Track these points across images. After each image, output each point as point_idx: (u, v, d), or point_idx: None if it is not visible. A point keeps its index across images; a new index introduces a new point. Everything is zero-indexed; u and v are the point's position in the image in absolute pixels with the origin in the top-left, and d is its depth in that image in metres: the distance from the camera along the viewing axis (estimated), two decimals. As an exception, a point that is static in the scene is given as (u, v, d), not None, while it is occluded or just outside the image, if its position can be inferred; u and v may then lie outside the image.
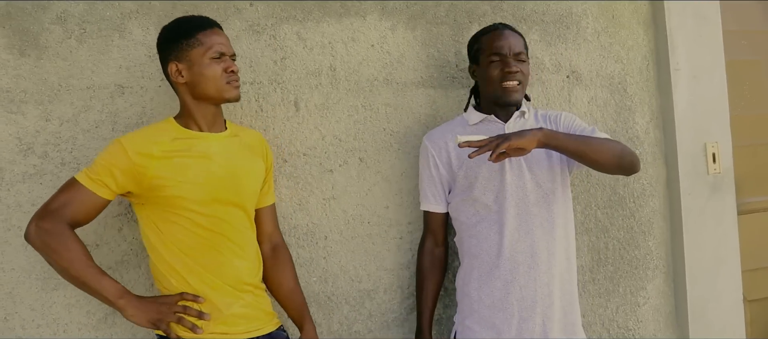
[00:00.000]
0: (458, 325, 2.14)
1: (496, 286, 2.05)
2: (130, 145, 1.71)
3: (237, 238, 1.83)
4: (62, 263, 1.65)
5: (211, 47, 1.77)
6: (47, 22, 1.93)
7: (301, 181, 2.19)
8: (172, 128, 1.81)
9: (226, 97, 1.81)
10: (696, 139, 2.75)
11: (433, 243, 2.22)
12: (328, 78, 2.24)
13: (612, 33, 2.68)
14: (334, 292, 2.23)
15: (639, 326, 2.68)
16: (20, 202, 1.89)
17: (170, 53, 1.78)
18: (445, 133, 2.16)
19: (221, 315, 1.77)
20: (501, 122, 2.13)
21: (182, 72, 1.77)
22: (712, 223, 2.77)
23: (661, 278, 2.74)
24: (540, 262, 2.04)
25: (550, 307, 2.05)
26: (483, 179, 2.07)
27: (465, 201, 2.10)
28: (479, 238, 2.08)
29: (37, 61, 1.92)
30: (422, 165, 2.19)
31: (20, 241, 1.89)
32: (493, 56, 2.08)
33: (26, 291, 1.90)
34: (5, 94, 1.88)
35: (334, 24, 2.25)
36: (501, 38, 2.09)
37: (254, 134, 1.99)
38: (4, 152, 1.88)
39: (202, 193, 1.75)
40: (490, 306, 2.06)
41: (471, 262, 2.11)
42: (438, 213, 2.19)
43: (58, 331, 1.92)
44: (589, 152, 1.94)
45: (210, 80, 1.77)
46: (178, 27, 1.79)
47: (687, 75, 2.74)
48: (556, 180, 2.09)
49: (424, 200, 2.19)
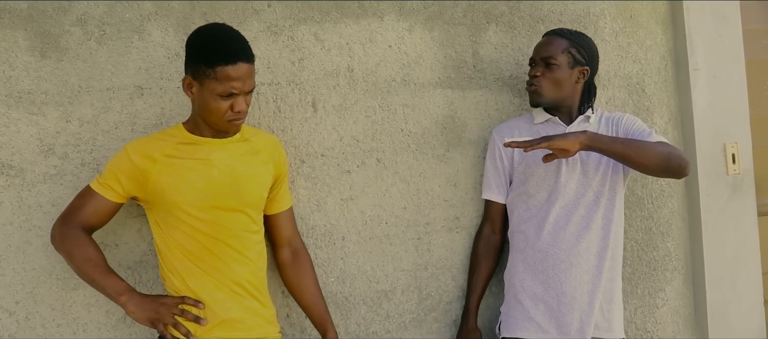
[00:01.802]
0: (503, 316, 2.23)
1: (539, 280, 2.14)
2: (133, 150, 1.76)
3: (237, 243, 1.82)
4: (76, 263, 1.74)
5: (222, 85, 1.70)
6: (68, 24, 1.94)
7: (319, 182, 2.19)
8: (179, 134, 1.82)
9: (223, 130, 1.81)
10: (715, 140, 2.72)
11: (490, 230, 2.32)
12: (346, 79, 2.24)
13: (630, 33, 2.66)
14: (352, 292, 2.23)
15: (658, 328, 2.66)
16: (41, 203, 1.91)
17: (189, 66, 1.75)
18: (513, 128, 2.27)
19: (217, 318, 1.77)
20: (563, 124, 2.21)
21: (192, 89, 1.76)
22: (731, 225, 2.74)
23: (680, 280, 2.72)
24: (582, 261, 2.11)
25: (589, 305, 2.10)
26: (538, 177, 2.17)
27: (520, 196, 2.20)
28: (526, 234, 2.17)
29: (57, 63, 1.93)
30: (489, 155, 2.30)
31: (41, 241, 1.90)
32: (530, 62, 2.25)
33: (47, 290, 1.91)
34: (27, 96, 1.90)
35: (351, 25, 2.25)
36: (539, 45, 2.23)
37: (268, 139, 1.97)
38: (26, 153, 1.90)
39: (201, 198, 1.76)
40: (533, 298, 2.14)
41: (517, 256, 2.20)
42: (498, 203, 2.28)
43: (77, 331, 1.94)
44: (633, 155, 1.99)
45: (213, 113, 1.74)
46: (205, 48, 1.71)
47: (706, 75, 2.72)
48: (608, 183, 2.15)
49: (487, 189, 2.30)
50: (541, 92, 2.17)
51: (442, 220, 2.34)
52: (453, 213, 2.35)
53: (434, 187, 2.33)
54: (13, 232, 1.88)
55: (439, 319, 2.33)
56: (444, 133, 2.35)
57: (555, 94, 2.17)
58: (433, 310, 2.32)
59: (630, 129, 2.17)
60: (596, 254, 2.13)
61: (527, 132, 2.23)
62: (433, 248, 2.33)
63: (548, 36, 2.22)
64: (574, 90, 2.20)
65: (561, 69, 2.15)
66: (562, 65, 2.15)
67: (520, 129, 2.25)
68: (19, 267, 1.89)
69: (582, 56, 2.18)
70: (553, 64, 2.15)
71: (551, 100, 2.18)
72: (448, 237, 2.35)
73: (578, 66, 2.17)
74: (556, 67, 2.15)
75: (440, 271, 2.34)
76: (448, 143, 2.35)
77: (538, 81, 2.17)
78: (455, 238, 2.35)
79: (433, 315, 2.32)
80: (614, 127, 2.19)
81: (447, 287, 2.34)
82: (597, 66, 2.24)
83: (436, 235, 2.33)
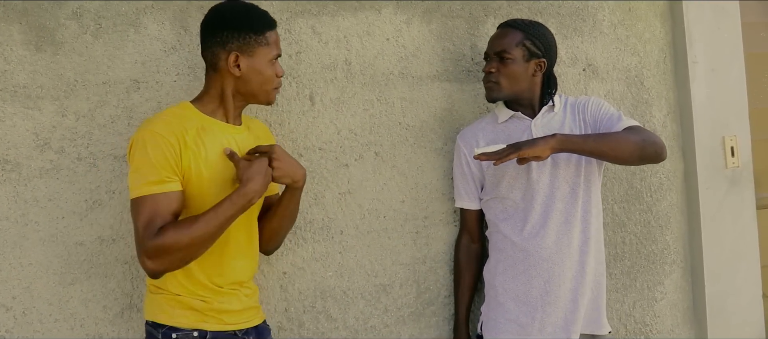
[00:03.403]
0: (484, 316, 2.19)
1: (520, 280, 2.09)
2: (163, 130, 1.65)
3: (241, 237, 1.81)
4: (200, 233, 1.60)
5: (274, 49, 1.76)
6: (63, 18, 1.93)
7: (317, 176, 2.19)
8: (193, 115, 1.74)
9: (268, 99, 1.81)
10: (714, 133, 2.72)
11: (468, 239, 2.28)
12: (344, 72, 2.23)
13: (628, 26, 2.66)
14: (350, 286, 2.22)
15: (656, 322, 2.66)
16: (37, 198, 1.90)
17: (232, 42, 1.71)
18: (476, 132, 2.20)
19: (214, 311, 1.75)
20: (528, 118, 2.15)
21: (241, 64, 1.72)
22: (730, 218, 2.74)
23: (679, 273, 2.71)
24: (564, 257, 2.07)
25: (573, 302, 2.07)
26: (509, 177, 2.11)
27: (494, 198, 2.16)
28: (505, 234, 2.12)
29: (53, 57, 1.92)
30: (455, 163, 2.25)
31: (37, 236, 1.89)
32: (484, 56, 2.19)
33: (43, 286, 1.90)
34: (22, 90, 1.89)
35: (349, 18, 2.24)
36: (492, 38, 2.17)
37: (262, 127, 1.98)
38: (21, 147, 1.89)
39: (221, 191, 1.70)
40: (515, 299, 2.10)
41: (497, 256, 2.16)
42: (472, 210, 2.24)
43: (74, 326, 1.93)
44: (607, 150, 1.96)
45: (265, 81, 1.76)
46: (248, 18, 1.74)
47: (705, 68, 2.71)
48: (582, 173, 2.11)
49: (458, 198, 2.26)
50: (497, 88, 2.11)
51: (441, 214, 2.34)
52: (451, 206, 2.34)
53: (432, 180, 2.33)
54: (9, 227, 1.87)
55: (437, 313, 2.33)
56: (442, 127, 2.34)
57: (512, 89, 2.11)
58: (432, 304, 2.32)
59: (597, 116, 2.11)
60: (578, 249, 2.08)
61: (492, 133, 2.16)
62: (432, 242, 2.32)
63: (502, 28, 2.16)
64: (532, 83, 2.13)
65: (516, 63, 2.09)
66: (516, 59, 2.08)
67: (485, 131, 2.18)
68: (16, 262, 1.88)
69: (537, 48, 2.11)
70: (507, 58, 2.08)
71: (509, 95, 2.12)
72: (447, 230, 2.34)
73: (534, 58, 2.11)
74: (511, 61, 2.08)
75: (438, 264, 2.33)
76: (446, 136, 2.34)
77: (493, 76, 2.11)
78: (453, 232, 2.35)
79: (432, 309, 2.32)
80: (581, 114, 2.13)
81: (445, 281, 2.34)
82: (554, 57, 2.17)
83: (435, 229, 2.32)
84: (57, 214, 1.91)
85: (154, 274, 1.63)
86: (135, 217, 1.62)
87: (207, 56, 1.77)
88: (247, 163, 1.69)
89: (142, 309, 1.89)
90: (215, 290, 1.76)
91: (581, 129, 2.12)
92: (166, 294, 1.74)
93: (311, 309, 2.17)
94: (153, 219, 1.60)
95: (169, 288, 1.74)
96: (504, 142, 2.03)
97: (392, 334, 2.27)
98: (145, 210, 1.60)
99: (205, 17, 1.78)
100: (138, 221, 1.61)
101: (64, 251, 1.92)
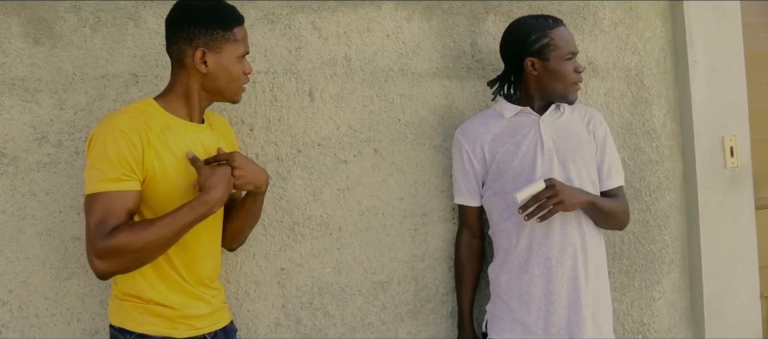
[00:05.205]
0: (489, 315, 2.18)
1: (524, 279, 2.08)
2: (125, 127, 1.59)
3: (209, 237, 1.79)
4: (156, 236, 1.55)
5: (244, 45, 1.73)
6: (62, 11, 1.92)
7: (316, 172, 2.18)
8: (157, 113, 1.69)
9: (234, 98, 1.77)
10: (714, 133, 2.72)
11: (469, 235, 2.25)
12: (343, 68, 2.22)
13: (629, 24, 2.65)
14: (348, 283, 2.22)
15: (654, 321, 2.65)
16: (34, 191, 1.89)
17: (199, 38, 1.67)
18: (478, 127, 2.16)
19: (183, 317, 1.72)
20: (536, 114, 2.12)
21: (207, 61, 1.69)
22: (729, 218, 2.74)
23: (677, 273, 2.71)
24: (567, 257, 2.06)
25: (576, 302, 2.05)
26: (514, 173, 2.09)
27: (496, 194, 2.12)
28: (509, 233, 2.10)
29: (51, 50, 1.91)
30: (455, 159, 2.21)
31: (34, 230, 1.89)
32: (569, 54, 2.07)
33: (40, 280, 1.90)
34: (20, 83, 1.88)
35: (349, 14, 2.23)
36: (570, 35, 2.10)
37: (223, 123, 1.94)
38: (19, 141, 1.88)
39: (181, 194, 1.67)
40: (518, 299, 2.08)
41: (502, 256, 2.14)
42: (473, 206, 2.21)
43: (71, 320, 1.92)
44: (611, 223, 2.14)
45: (232, 79, 1.72)
46: (215, 13, 1.70)
47: (705, 67, 2.71)
48: (585, 172, 2.10)
49: (458, 194, 2.22)
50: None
51: (439, 211, 2.33)
52: (450, 204, 2.34)
53: (431, 177, 2.32)
54: (6, 220, 1.86)
55: (435, 310, 2.32)
56: (441, 124, 2.34)
57: None
58: (430, 301, 2.31)
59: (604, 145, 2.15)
60: (580, 248, 2.06)
61: (497, 128, 2.13)
62: (430, 239, 2.31)
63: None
64: None
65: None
66: None
67: (488, 125, 2.14)
68: (13, 256, 1.87)
69: None
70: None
71: None
72: (445, 228, 2.34)
73: None
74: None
75: (437, 262, 2.33)
76: (445, 133, 2.34)
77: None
78: (452, 229, 2.34)
79: (430, 306, 2.31)
80: (591, 126, 2.15)
81: (443, 278, 2.33)
82: None
83: (433, 226, 2.32)
84: (54, 208, 1.90)
85: (102, 275, 1.56)
86: (87, 214, 1.56)
87: (173, 52, 1.72)
88: (210, 171, 1.63)
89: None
90: (187, 291, 1.72)
91: (590, 142, 2.13)
92: (133, 301, 1.69)
93: (309, 305, 2.17)
94: (106, 218, 1.54)
95: (138, 293, 1.68)
96: (511, 137, 2.08)
97: (390, 331, 2.26)
98: (99, 208, 1.55)
99: (171, 12, 1.73)
100: (90, 219, 1.55)
101: (61, 245, 1.91)
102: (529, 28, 2.08)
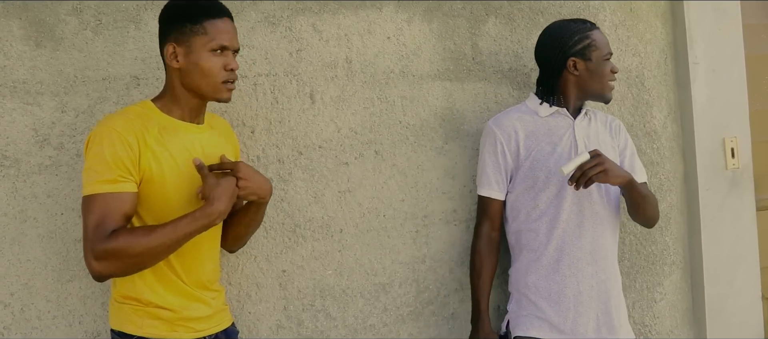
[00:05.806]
0: (512, 314, 2.16)
1: (555, 279, 2.09)
2: (122, 129, 1.60)
3: (209, 241, 1.78)
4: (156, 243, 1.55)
5: (214, 38, 1.66)
6: (63, 14, 1.93)
7: (317, 174, 2.18)
8: (154, 114, 1.69)
9: (218, 97, 1.71)
10: (714, 134, 2.71)
11: (490, 227, 2.21)
12: (344, 70, 2.22)
13: (629, 26, 2.65)
14: (349, 285, 2.22)
15: (655, 322, 2.65)
16: (36, 194, 1.89)
17: (170, 33, 1.67)
18: (514, 121, 2.16)
19: (183, 319, 1.71)
20: (571, 117, 2.17)
21: (178, 56, 1.67)
22: (730, 219, 2.73)
23: (678, 274, 2.71)
24: (598, 258, 2.09)
25: (606, 303, 2.09)
26: (547, 171, 2.09)
27: (527, 191, 2.12)
28: (538, 232, 2.11)
29: (53, 53, 1.91)
30: (488, 150, 2.17)
31: (36, 232, 1.89)
32: (607, 54, 2.15)
33: (42, 282, 1.90)
34: (22, 86, 1.88)
35: (350, 16, 2.24)
36: (606, 38, 2.17)
37: (224, 124, 1.93)
38: (21, 143, 1.88)
39: (181, 196, 1.67)
40: (547, 299, 2.09)
41: (528, 255, 2.13)
42: (498, 200, 2.19)
43: (73, 323, 1.92)
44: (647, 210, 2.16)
45: (205, 74, 1.67)
46: (186, 8, 1.68)
47: (706, 69, 2.71)
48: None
49: (486, 185, 2.18)
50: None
51: (440, 213, 2.33)
52: (451, 206, 2.34)
53: (432, 179, 2.32)
54: (7, 223, 1.87)
55: (436, 313, 2.32)
56: (442, 126, 2.34)
57: None
58: (431, 303, 2.31)
59: (625, 149, 2.22)
60: (610, 249, 2.12)
61: (531, 124, 2.14)
62: (431, 241, 2.31)
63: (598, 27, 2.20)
64: None
65: None
66: None
67: (523, 121, 2.15)
68: (15, 258, 1.87)
69: None
70: None
71: None
72: (446, 230, 2.34)
73: None
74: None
75: (438, 264, 2.33)
76: (446, 135, 2.34)
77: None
78: (453, 231, 2.34)
79: (431, 308, 2.31)
80: (614, 133, 2.22)
81: (445, 280, 2.33)
82: None
83: (434, 228, 2.32)
84: (56, 211, 1.91)
85: (98, 277, 1.56)
86: (85, 215, 1.56)
87: (161, 53, 1.73)
88: (215, 181, 1.63)
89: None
90: (186, 294, 1.72)
91: (613, 148, 2.19)
92: (132, 304, 1.69)
93: (310, 307, 2.17)
94: (104, 220, 1.54)
95: (137, 296, 1.68)
96: (546, 137, 2.11)
97: (391, 333, 2.26)
98: (96, 209, 1.55)
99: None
100: (88, 220, 1.55)
101: (63, 248, 1.91)
102: (570, 30, 2.13)
